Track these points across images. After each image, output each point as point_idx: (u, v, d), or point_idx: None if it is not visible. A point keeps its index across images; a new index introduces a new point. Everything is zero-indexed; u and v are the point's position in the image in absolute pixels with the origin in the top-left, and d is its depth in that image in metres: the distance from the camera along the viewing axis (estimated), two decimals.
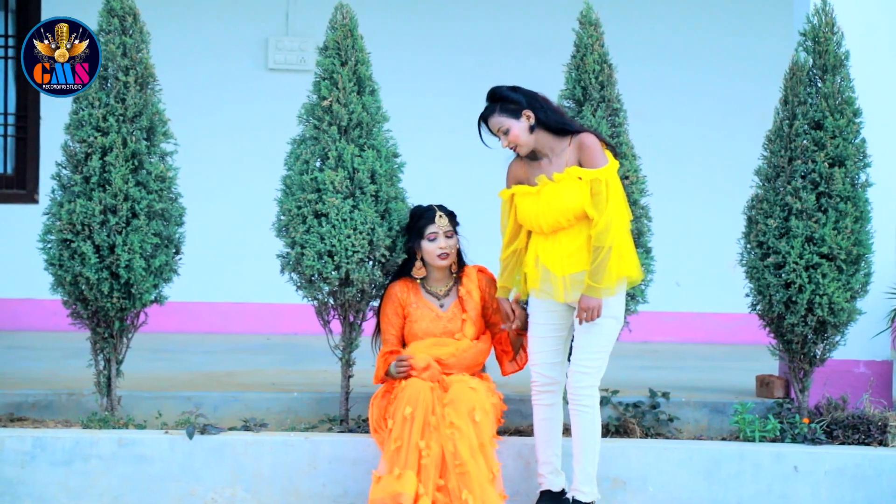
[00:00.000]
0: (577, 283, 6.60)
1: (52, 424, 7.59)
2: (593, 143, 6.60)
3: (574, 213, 6.56)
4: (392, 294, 7.26)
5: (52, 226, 7.37)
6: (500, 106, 6.68)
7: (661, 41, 10.54)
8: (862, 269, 7.73)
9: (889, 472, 7.46)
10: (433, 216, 7.11)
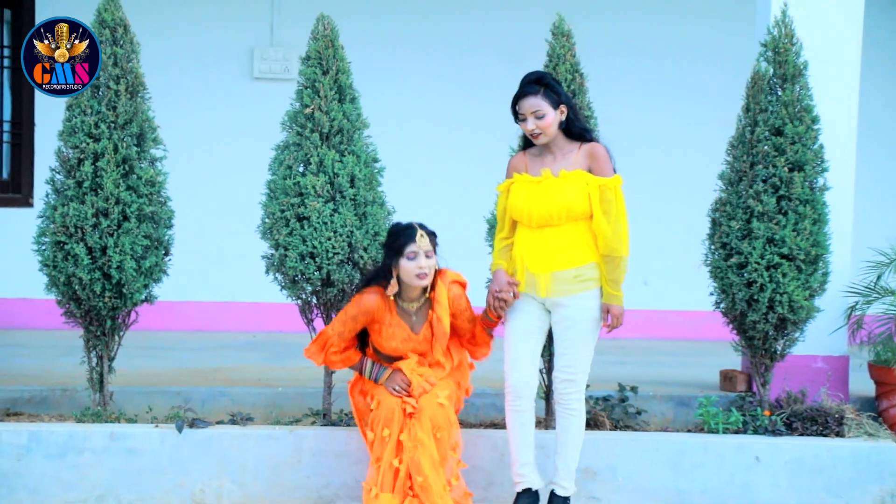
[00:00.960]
0: (558, 282, 6.51)
1: (46, 419, 7.59)
2: (605, 154, 6.57)
3: (569, 210, 6.46)
4: (368, 308, 6.85)
5: (47, 228, 7.37)
6: (545, 91, 6.51)
7: (633, 58, 10.57)
8: (820, 269, 7.77)
9: (845, 461, 7.51)
10: (414, 235, 6.75)
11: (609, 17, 10.53)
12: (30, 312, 9.76)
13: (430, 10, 10.51)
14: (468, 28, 10.44)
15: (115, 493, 7.23)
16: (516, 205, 6.60)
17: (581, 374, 6.63)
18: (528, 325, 6.67)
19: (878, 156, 10.02)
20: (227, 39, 10.53)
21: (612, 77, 9.39)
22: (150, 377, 8.21)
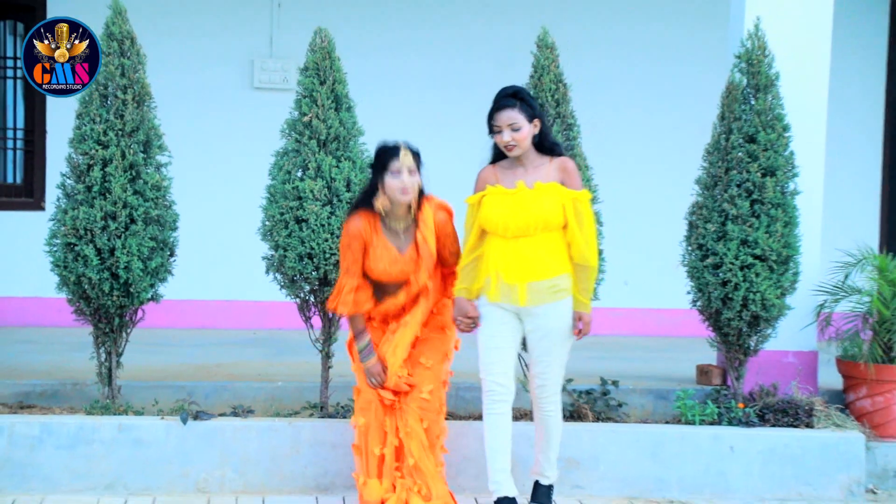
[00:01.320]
0: (534, 291, 6.41)
1: (58, 411, 7.61)
2: (576, 169, 6.53)
3: (546, 221, 6.36)
4: (356, 232, 6.69)
5: (58, 231, 7.40)
6: (521, 105, 6.42)
7: (613, 70, 10.59)
8: (791, 269, 7.81)
9: (814, 451, 7.56)
10: (398, 152, 6.57)
11: (592, 26, 10.55)
12: (42, 310, 9.78)
13: (424, 22, 10.53)
14: (459, 39, 10.45)
15: (123, 482, 7.26)
16: (491, 216, 6.46)
17: (556, 379, 6.62)
18: (502, 333, 6.57)
19: (844, 162, 10.06)
20: (229, 51, 10.54)
21: (595, 85, 9.43)
22: (156, 372, 8.23)
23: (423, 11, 10.59)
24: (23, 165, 10.67)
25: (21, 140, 10.66)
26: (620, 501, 7.42)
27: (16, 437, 7.25)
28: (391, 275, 6.72)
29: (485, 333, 6.59)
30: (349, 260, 6.73)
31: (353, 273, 6.74)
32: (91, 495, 7.19)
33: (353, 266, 6.73)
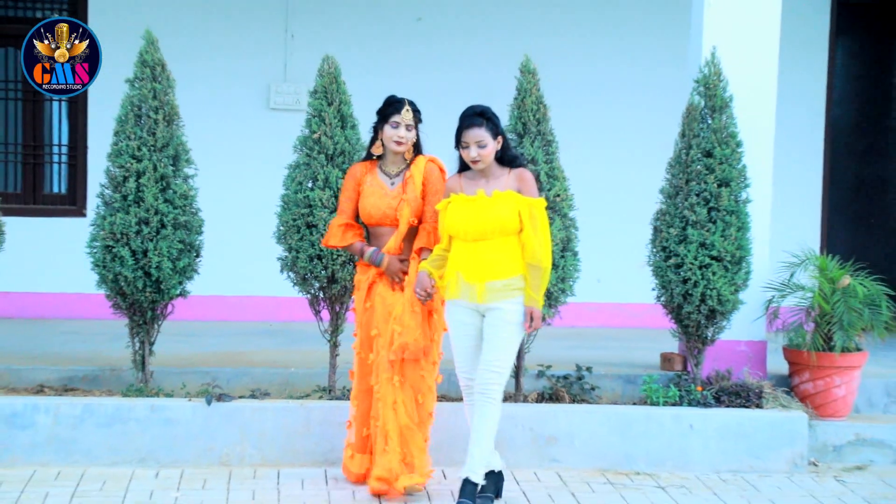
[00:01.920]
0: (491, 290, 6.26)
1: (97, 394, 7.61)
2: (532, 178, 6.41)
3: (502, 226, 6.23)
4: (353, 172, 6.76)
5: (97, 235, 7.40)
6: (488, 124, 6.28)
7: (590, 95, 10.58)
8: (743, 269, 7.82)
9: (763, 428, 7.57)
10: (401, 107, 6.57)
11: (570, 57, 10.54)
12: (83, 305, 9.76)
13: (421, 53, 10.55)
14: (450, 69, 10.47)
15: (155, 457, 7.25)
16: (453, 221, 6.33)
17: (505, 367, 6.36)
18: (467, 332, 6.43)
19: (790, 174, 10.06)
20: (248, 76, 10.53)
21: (573, 108, 9.42)
22: (184, 359, 8.22)
23: (421, 40, 10.60)
24: (67, 177, 10.66)
25: (65, 155, 10.65)
26: (593, 473, 7.41)
27: (61, 416, 7.24)
28: (380, 209, 6.59)
29: (454, 335, 6.49)
30: (343, 199, 6.75)
31: (344, 211, 6.74)
32: (126, 468, 7.18)
33: (346, 204, 6.73)
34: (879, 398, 8.33)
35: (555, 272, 7.59)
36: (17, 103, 10.60)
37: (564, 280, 7.70)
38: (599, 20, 10.78)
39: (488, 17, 10.66)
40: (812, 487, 7.32)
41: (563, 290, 7.72)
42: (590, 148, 10.07)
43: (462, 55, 10.51)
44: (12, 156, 10.58)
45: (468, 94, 7.46)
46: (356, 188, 6.70)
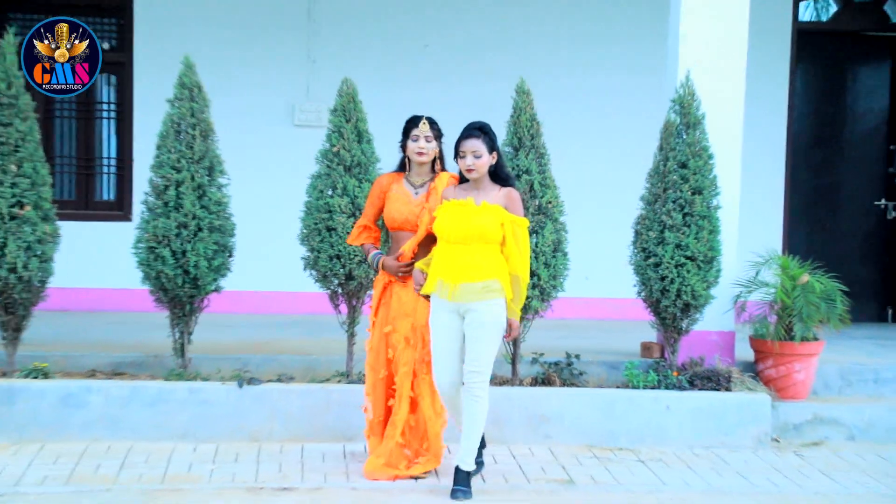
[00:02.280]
0: (465, 291, 6.06)
1: (143, 377, 7.62)
2: (519, 198, 6.23)
3: (482, 233, 6.03)
4: (380, 181, 6.63)
5: (142, 237, 7.41)
6: (485, 138, 6.12)
7: (579, 112, 10.57)
8: (714, 267, 7.82)
9: (732, 409, 7.59)
10: (418, 122, 6.44)
11: (560, 76, 10.53)
12: (129, 299, 9.77)
13: (428, 71, 10.55)
14: (454, 86, 10.46)
15: (194, 433, 7.27)
16: (440, 223, 6.16)
17: (486, 366, 6.16)
18: (447, 335, 6.19)
19: (755, 183, 10.05)
20: (275, 96, 10.53)
21: (563, 124, 9.41)
22: (219, 347, 8.22)
23: (428, 63, 10.61)
24: (115, 186, 10.68)
25: (114, 166, 10.67)
26: (581, 448, 7.41)
27: (111, 397, 7.27)
28: (403, 214, 6.44)
29: (434, 335, 6.26)
30: (367, 204, 6.67)
31: (367, 215, 6.66)
32: (168, 443, 7.19)
33: (369, 209, 6.64)
34: (834, 382, 8.33)
35: (547, 270, 7.62)
36: (72, 121, 10.62)
37: (555, 277, 7.71)
38: (586, 39, 10.76)
39: (486, 41, 10.66)
40: (774, 461, 7.33)
41: (555, 286, 7.73)
42: (578, 160, 10.05)
43: (463, 74, 10.52)
44: (67, 167, 10.60)
45: (469, 109, 7.49)
46: (380, 195, 6.56)
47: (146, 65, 10.40)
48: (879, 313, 11.16)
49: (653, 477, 6.90)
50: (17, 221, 7.23)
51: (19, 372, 7.44)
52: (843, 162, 11.08)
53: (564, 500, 6.40)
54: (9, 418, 7.19)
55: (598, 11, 10.79)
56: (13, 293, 7.29)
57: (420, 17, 10.65)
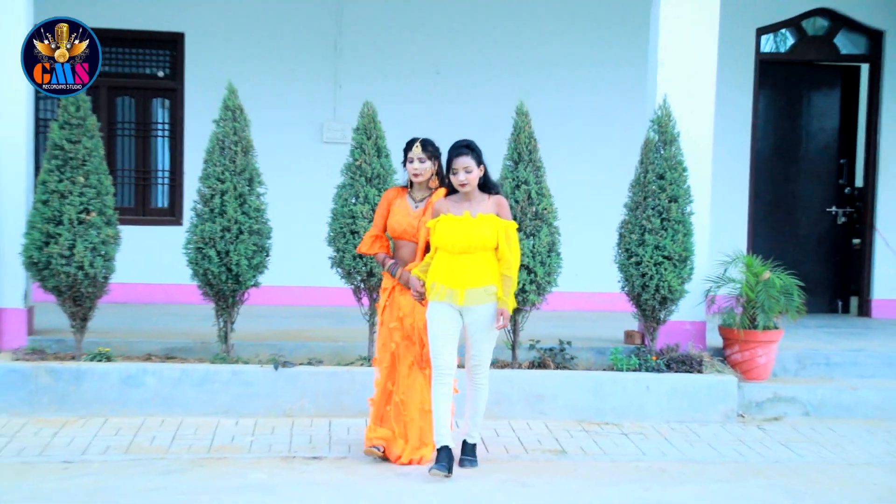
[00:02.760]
0: (470, 295, 5.95)
1: (192, 361, 7.60)
2: (507, 204, 6.14)
3: (483, 242, 5.95)
4: (386, 195, 6.44)
5: (191, 239, 7.40)
6: (473, 154, 6.01)
7: (570, 128, 10.55)
8: (688, 266, 7.79)
9: (703, 389, 7.57)
10: (412, 145, 6.26)
11: (555, 96, 10.49)
12: (180, 293, 9.74)
13: (440, 94, 10.53)
14: (461, 106, 10.44)
15: (235, 409, 7.26)
16: (442, 236, 5.99)
17: (486, 359, 6.14)
18: (447, 326, 6.04)
19: (724, 192, 10.03)
20: (306, 117, 10.52)
21: (557, 140, 9.38)
22: (257, 335, 8.20)
23: (439, 87, 10.59)
24: (168, 195, 10.67)
25: (167, 178, 10.66)
26: (572, 423, 7.39)
27: (163, 378, 7.26)
28: (402, 225, 6.27)
29: (433, 327, 6.08)
30: (376, 216, 6.46)
31: (376, 226, 6.44)
32: (213, 417, 7.19)
33: (378, 220, 6.42)
34: (791, 365, 8.29)
35: (542, 268, 7.58)
36: (132, 138, 10.60)
37: (550, 274, 7.67)
38: (577, 63, 10.73)
39: (489, 67, 10.64)
40: (740, 434, 7.30)
41: (549, 281, 7.68)
42: (569, 172, 10.00)
43: (469, 96, 10.50)
44: (128, 178, 10.59)
45: (475, 126, 7.50)
46: (387, 207, 6.39)
47: (195, 90, 10.39)
48: (831, 305, 11.13)
49: (634, 448, 6.87)
50: (85, 226, 7.23)
51: (86, 356, 7.42)
52: (799, 174, 11.06)
53: (558, 468, 6.38)
54: (77, 396, 7.19)
55: (588, 39, 10.75)
56: (81, 288, 7.28)
57: (432, 48, 10.63)
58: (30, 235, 7.24)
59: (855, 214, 11.09)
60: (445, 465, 5.97)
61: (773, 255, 8.54)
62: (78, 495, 5.57)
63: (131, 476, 5.94)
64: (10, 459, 6.22)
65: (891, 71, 10.78)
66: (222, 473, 6.05)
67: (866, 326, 10.13)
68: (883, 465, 6.67)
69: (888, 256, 10.82)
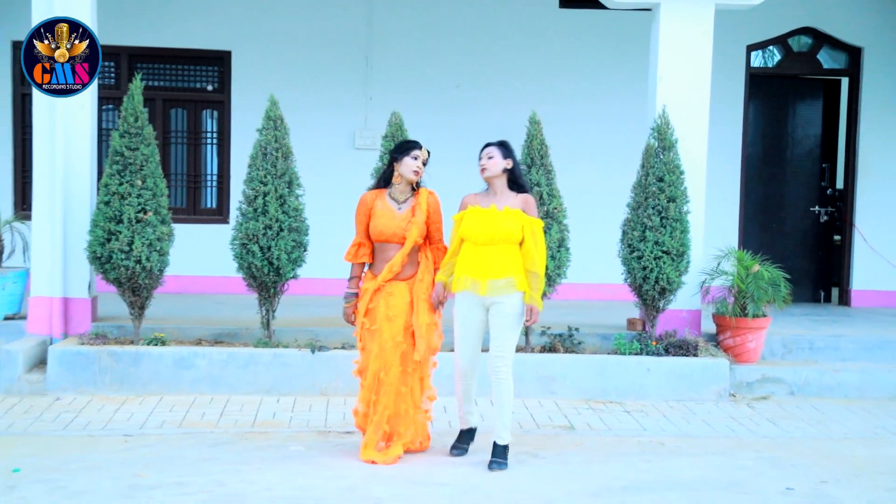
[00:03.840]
0: (493, 286, 5.63)
1: (237, 345, 7.63)
2: (535, 203, 5.81)
3: (507, 235, 5.62)
4: (364, 200, 5.83)
5: (237, 236, 7.42)
6: (501, 148, 5.74)
7: (579, 135, 10.51)
8: (685, 259, 7.77)
9: (698, 371, 7.53)
10: (419, 146, 5.77)
11: (564, 105, 10.45)
12: (227, 284, 9.77)
13: (457, 105, 10.51)
14: (479, 115, 10.42)
15: (277, 388, 7.28)
16: (469, 227, 5.69)
17: (509, 351, 5.68)
18: (472, 328, 5.74)
19: (717, 193, 9.98)
20: (340, 126, 10.51)
21: (567, 145, 9.35)
22: (296, 322, 8.21)
23: (459, 98, 10.57)
24: (216, 196, 10.69)
25: (215, 181, 10.68)
26: (580, 402, 7.37)
27: (212, 360, 7.28)
28: (390, 228, 5.73)
29: (459, 328, 5.78)
30: (357, 223, 5.87)
31: (359, 233, 5.87)
32: (257, 396, 7.22)
33: (359, 227, 5.85)
34: (778, 349, 8.25)
35: (553, 262, 7.57)
36: (184, 146, 10.63)
37: (560, 267, 7.66)
38: (584, 76, 10.70)
39: (504, 80, 10.59)
40: (731, 411, 7.27)
41: (559, 274, 7.68)
42: (578, 175, 9.98)
43: (486, 106, 10.45)
44: (180, 182, 10.62)
45: (491, 133, 7.42)
46: (367, 213, 5.80)
47: (240, 102, 10.42)
48: (814, 295, 11.08)
49: (636, 424, 6.85)
50: (142, 224, 7.26)
51: (143, 340, 7.46)
52: (785, 177, 11.02)
53: (567, 441, 6.38)
54: (136, 377, 7.22)
55: (594, 55, 10.70)
56: (138, 279, 7.32)
57: (452, 64, 10.61)
58: (93, 233, 7.29)
59: (836, 213, 11.05)
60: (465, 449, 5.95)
61: (762, 250, 8.53)
62: (137, 465, 5.60)
63: (184, 447, 5.97)
64: (77, 433, 6.27)
65: (868, 84, 10.74)
66: (265, 445, 6.07)
67: (846, 314, 10.08)
68: (861, 440, 6.66)
69: (866, 251, 10.77)
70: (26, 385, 7.15)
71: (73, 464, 5.59)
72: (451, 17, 10.61)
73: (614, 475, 5.68)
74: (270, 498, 5.10)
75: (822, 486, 5.59)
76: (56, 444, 5.99)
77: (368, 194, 5.90)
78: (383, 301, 5.77)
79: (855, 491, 5.52)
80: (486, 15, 10.64)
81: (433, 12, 10.59)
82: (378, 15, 10.52)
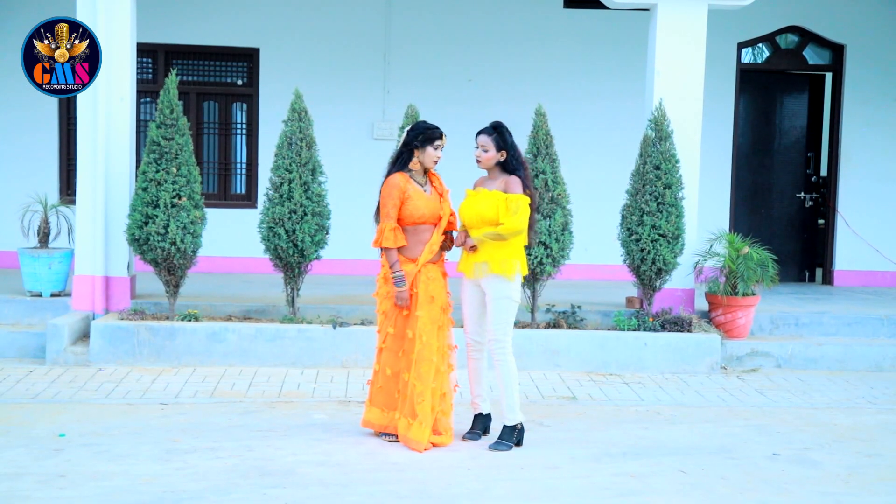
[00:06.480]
0: (478, 269, 5.34)
1: (265, 321, 7.61)
2: (515, 181, 5.31)
3: (481, 216, 5.31)
4: (396, 183, 5.35)
5: (264, 220, 7.41)
6: (496, 136, 5.39)
7: (582, 129, 10.44)
8: (680, 242, 7.72)
9: (692, 346, 7.49)
10: (442, 135, 5.41)
11: (569, 102, 10.38)
12: (255, 265, 9.75)
13: (467, 101, 10.45)
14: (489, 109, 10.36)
15: (301, 361, 7.27)
16: (460, 210, 5.50)
17: (502, 333, 5.35)
18: (471, 303, 5.49)
19: (710, 180, 9.91)
20: (360, 118, 10.47)
21: (571, 137, 9.29)
22: (319, 300, 8.20)
23: (471, 92, 10.50)
24: (245, 183, 10.67)
25: (244, 169, 10.66)
26: (582, 374, 7.35)
27: (242, 335, 7.28)
28: (429, 208, 5.39)
29: (464, 303, 5.54)
30: (390, 206, 5.37)
31: (393, 217, 5.37)
32: (283, 368, 7.21)
33: (393, 211, 5.37)
34: (766, 325, 8.21)
35: (557, 244, 7.53)
36: (216, 136, 10.60)
37: (563, 249, 7.61)
38: (587, 74, 10.62)
39: (513, 76, 10.51)
40: (723, 382, 7.25)
41: (563, 255, 7.63)
42: (581, 163, 9.91)
43: (496, 99, 10.35)
44: (212, 169, 10.60)
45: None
46: (401, 196, 5.35)
47: (268, 95, 10.37)
48: (800, 275, 11.02)
49: (634, 394, 6.83)
50: (177, 208, 7.25)
51: (178, 316, 7.46)
52: (773, 165, 10.95)
53: (570, 411, 6.36)
54: (171, 349, 7.23)
55: (596, 53, 10.62)
56: (173, 260, 7.31)
57: (465, 60, 10.54)
58: (132, 216, 7.28)
59: (820, 199, 10.99)
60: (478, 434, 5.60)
61: (751, 234, 8.48)
62: (173, 431, 5.61)
63: (216, 415, 5.98)
64: (117, 401, 6.28)
65: (850, 79, 10.66)
66: (290, 414, 6.07)
67: (829, 293, 10.02)
68: (842, 409, 6.63)
69: (848, 234, 10.71)
70: (71, 356, 7.17)
71: (114, 429, 5.60)
72: (463, 17, 10.54)
73: (614, 442, 5.66)
74: (296, 462, 5.10)
75: (807, 452, 5.57)
76: (98, 411, 6.01)
77: (398, 177, 5.42)
78: (423, 285, 5.41)
79: (837, 456, 5.50)
80: (496, 15, 10.57)
81: (447, 13, 10.54)
82: (396, 15, 10.47)
